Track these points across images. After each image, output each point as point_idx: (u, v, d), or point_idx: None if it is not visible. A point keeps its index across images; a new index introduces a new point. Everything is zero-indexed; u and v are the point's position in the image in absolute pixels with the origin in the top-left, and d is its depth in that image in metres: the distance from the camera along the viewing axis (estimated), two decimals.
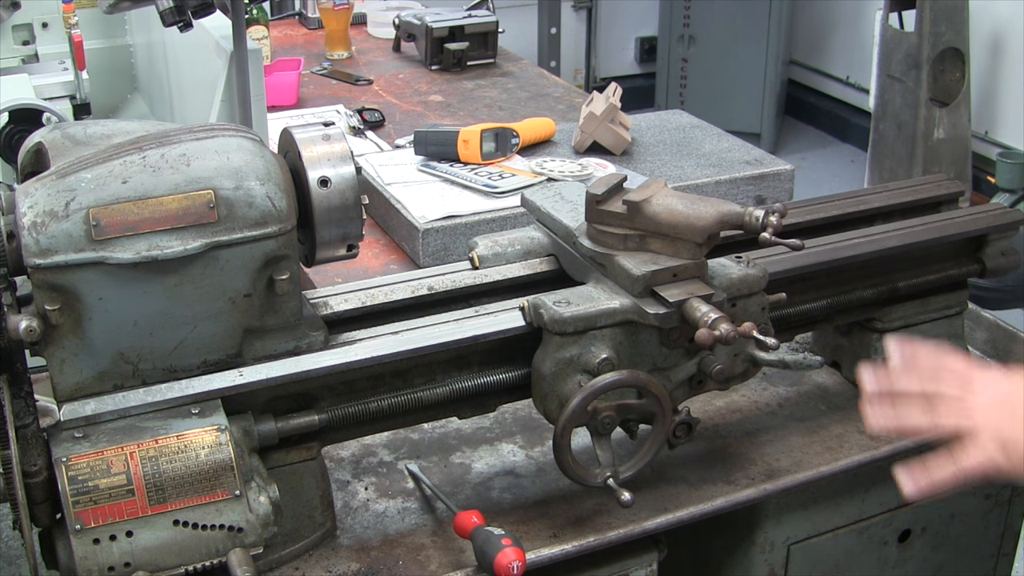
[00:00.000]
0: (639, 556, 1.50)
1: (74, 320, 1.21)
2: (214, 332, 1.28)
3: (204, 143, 1.26)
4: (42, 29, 3.27)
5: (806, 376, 1.78)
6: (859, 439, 1.63)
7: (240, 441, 1.27)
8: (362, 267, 2.08)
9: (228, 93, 2.16)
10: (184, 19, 1.99)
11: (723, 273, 1.41)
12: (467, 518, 1.37)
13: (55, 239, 1.17)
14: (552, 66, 5.75)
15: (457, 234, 2.08)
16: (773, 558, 1.65)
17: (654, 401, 1.36)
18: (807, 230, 1.67)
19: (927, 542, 1.77)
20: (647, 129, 2.61)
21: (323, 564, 1.39)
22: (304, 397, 1.37)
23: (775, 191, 2.36)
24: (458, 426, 1.67)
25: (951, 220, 1.71)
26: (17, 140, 2.60)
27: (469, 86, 3.23)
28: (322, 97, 3.14)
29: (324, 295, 1.44)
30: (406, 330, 1.39)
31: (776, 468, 1.57)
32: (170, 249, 1.20)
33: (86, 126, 1.37)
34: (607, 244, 1.41)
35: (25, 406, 1.21)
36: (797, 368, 1.41)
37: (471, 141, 2.32)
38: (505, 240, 1.55)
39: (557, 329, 1.34)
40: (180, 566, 1.20)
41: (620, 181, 1.45)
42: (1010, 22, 5.00)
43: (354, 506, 1.50)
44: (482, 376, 1.44)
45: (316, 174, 1.31)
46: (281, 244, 1.26)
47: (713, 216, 1.36)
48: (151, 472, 1.20)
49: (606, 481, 1.37)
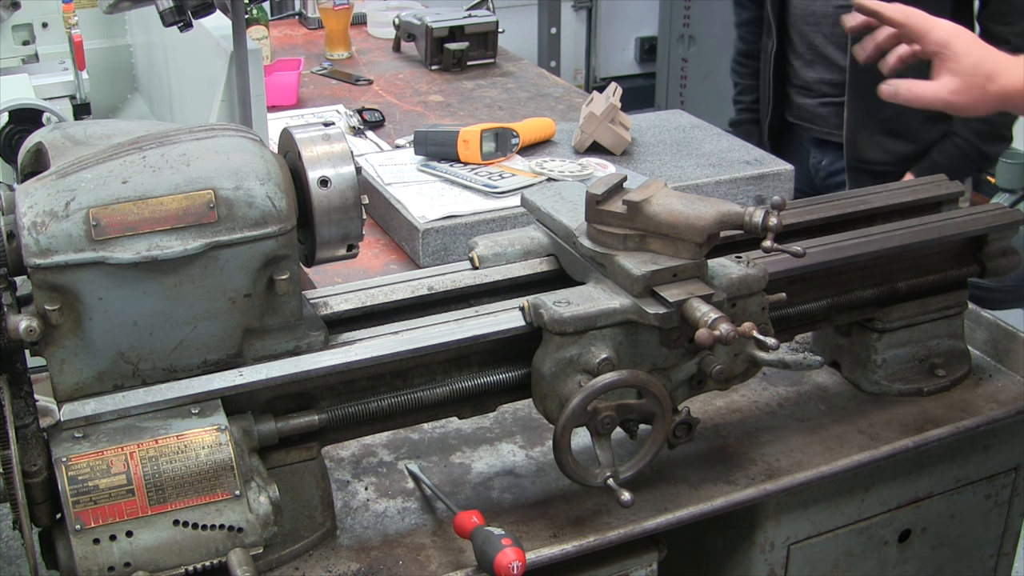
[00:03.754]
0: (639, 556, 1.50)
1: (74, 320, 1.21)
2: (214, 332, 1.28)
3: (204, 143, 1.26)
4: (42, 29, 3.28)
5: (806, 376, 1.78)
6: (859, 439, 1.63)
7: (240, 441, 1.27)
8: (362, 267, 2.08)
9: (228, 93, 2.16)
10: (184, 19, 1.99)
11: (723, 273, 1.41)
12: (467, 518, 1.37)
13: (55, 239, 1.17)
14: (552, 66, 5.75)
15: (457, 234, 2.08)
16: (773, 558, 1.65)
17: (654, 401, 1.36)
18: (807, 230, 1.67)
19: (927, 542, 1.77)
20: (647, 129, 2.61)
21: (323, 564, 1.39)
22: (304, 397, 1.37)
23: (775, 191, 2.36)
24: (458, 426, 1.67)
25: (951, 220, 1.71)
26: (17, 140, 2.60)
27: (469, 86, 3.23)
28: (322, 97, 3.14)
29: (324, 295, 1.44)
30: (406, 330, 1.39)
31: (776, 468, 1.57)
32: (170, 249, 1.20)
33: (86, 126, 1.37)
34: (607, 244, 1.41)
35: (25, 406, 1.21)
36: (797, 368, 1.41)
37: (471, 141, 2.32)
38: (505, 240, 1.55)
39: (557, 329, 1.34)
40: (180, 566, 1.20)
41: (620, 181, 1.45)
42: None
43: (354, 506, 1.50)
44: (482, 376, 1.44)
45: (316, 174, 1.31)
46: (281, 244, 1.26)
47: (713, 216, 1.36)
48: (151, 472, 1.20)
49: (606, 481, 1.37)
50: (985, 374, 1.80)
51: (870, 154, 2.84)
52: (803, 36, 2.91)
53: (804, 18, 2.88)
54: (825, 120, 2.91)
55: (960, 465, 1.74)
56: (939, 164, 2.77)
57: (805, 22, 2.88)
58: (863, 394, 1.74)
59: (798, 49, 2.94)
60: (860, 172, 2.78)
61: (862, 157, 2.83)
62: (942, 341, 1.75)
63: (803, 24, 2.89)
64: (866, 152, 2.83)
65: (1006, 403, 1.71)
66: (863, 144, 2.83)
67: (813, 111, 2.93)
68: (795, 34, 2.94)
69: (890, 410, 1.69)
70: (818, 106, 2.93)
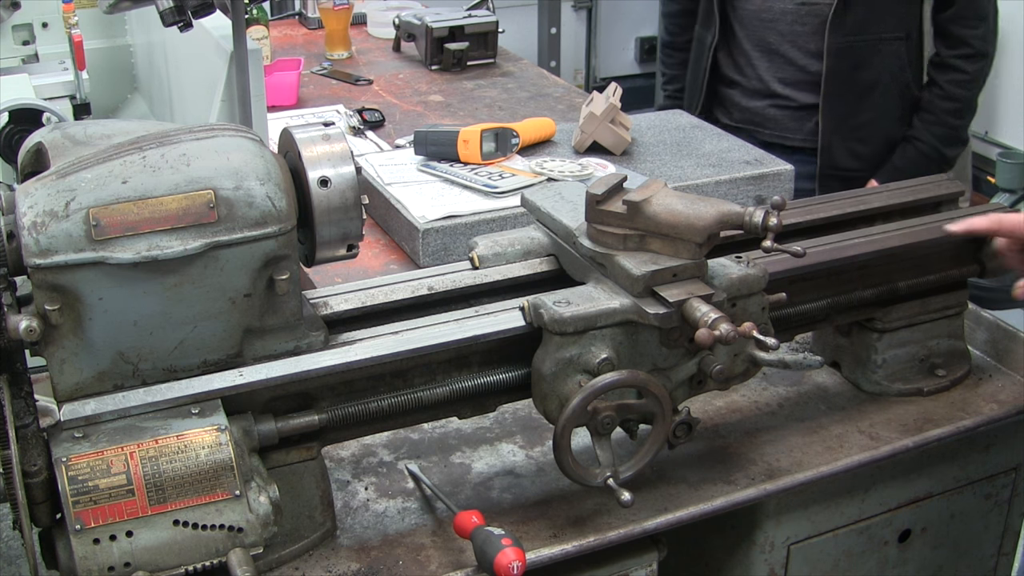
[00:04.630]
0: (639, 556, 1.50)
1: (74, 320, 1.21)
2: (214, 332, 1.28)
3: (204, 143, 1.26)
4: (42, 29, 3.28)
5: (806, 376, 1.78)
6: (859, 439, 1.63)
7: (240, 441, 1.27)
8: (362, 267, 2.08)
9: (228, 93, 2.16)
10: (184, 19, 1.99)
11: (723, 273, 1.41)
12: (467, 518, 1.37)
13: (55, 239, 1.17)
14: (552, 66, 5.74)
15: (457, 234, 2.08)
16: (773, 558, 1.65)
17: (654, 401, 1.36)
18: (807, 230, 1.68)
19: (927, 542, 1.77)
20: (647, 129, 2.61)
21: (323, 564, 1.39)
22: (304, 397, 1.37)
23: (775, 191, 2.36)
24: (458, 426, 1.67)
25: (951, 220, 1.71)
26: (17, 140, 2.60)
27: (469, 86, 3.23)
28: (322, 97, 3.14)
29: (324, 295, 1.44)
30: (406, 330, 1.39)
31: (776, 468, 1.57)
32: (170, 249, 1.20)
33: (86, 126, 1.37)
34: (607, 244, 1.41)
35: (25, 406, 1.21)
36: (797, 368, 1.41)
37: (471, 141, 2.32)
38: (505, 240, 1.55)
39: (557, 329, 1.34)
40: (180, 566, 1.20)
41: (620, 181, 1.45)
42: (1010, 22, 4.98)
43: (354, 506, 1.50)
44: (482, 376, 1.44)
45: (316, 174, 1.31)
46: (281, 244, 1.26)
47: (713, 216, 1.36)
48: (151, 472, 1.20)
49: (606, 481, 1.37)
50: (985, 374, 1.80)
51: (843, 161, 2.83)
52: (754, 33, 2.85)
53: (757, 14, 2.82)
54: (776, 123, 2.86)
55: (960, 465, 1.75)
56: (901, 169, 2.80)
57: (759, 18, 2.82)
58: (863, 394, 1.74)
59: (744, 46, 2.88)
60: (830, 179, 2.78)
61: (835, 164, 2.82)
62: (942, 341, 1.75)
63: (755, 20, 2.83)
64: (839, 159, 2.82)
65: (1006, 403, 1.72)
66: (837, 151, 2.82)
67: (762, 113, 2.88)
68: (743, 31, 2.87)
69: (890, 410, 1.69)
70: (768, 108, 2.89)
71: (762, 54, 2.85)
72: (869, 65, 2.76)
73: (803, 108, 2.84)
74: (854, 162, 2.84)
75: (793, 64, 2.81)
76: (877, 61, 2.76)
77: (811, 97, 2.82)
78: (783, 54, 2.82)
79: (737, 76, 2.93)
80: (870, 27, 2.73)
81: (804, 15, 2.75)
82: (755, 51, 2.86)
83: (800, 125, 2.85)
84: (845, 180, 2.79)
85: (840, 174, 2.81)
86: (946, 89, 2.80)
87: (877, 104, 2.81)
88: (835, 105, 2.78)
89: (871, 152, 2.85)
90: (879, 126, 2.84)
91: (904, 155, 2.84)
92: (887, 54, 2.77)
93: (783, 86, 2.85)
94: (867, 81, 2.78)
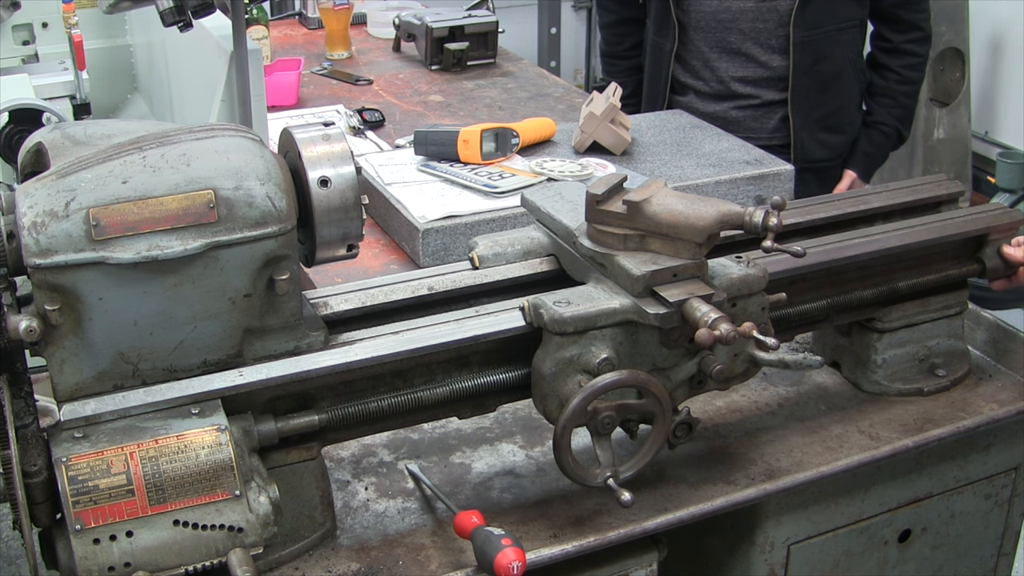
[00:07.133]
0: (639, 556, 1.50)
1: (74, 320, 1.21)
2: (214, 332, 1.28)
3: (204, 143, 1.26)
4: (42, 29, 3.28)
5: (806, 376, 1.78)
6: (859, 439, 1.63)
7: (240, 441, 1.27)
8: (362, 267, 2.08)
9: (228, 93, 2.16)
10: (184, 19, 1.99)
11: (723, 273, 1.41)
12: (467, 518, 1.37)
13: (55, 239, 1.17)
14: (552, 66, 5.75)
15: (457, 234, 2.08)
16: (773, 558, 1.65)
17: (654, 401, 1.36)
18: (807, 230, 1.68)
19: (927, 542, 1.77)
20: (647, 129, 2.61)
21: (323, 564, 1.39)
22: (304, 397, 1.37)
23: (775, 191, 2.36)
24: (458, 426, 1.67)
25: (951, 220, 1.71)
26: (17, 140, 2.60)
27: (469, 86, 3.23)
28: (322, 97, 3.14)
29: (324, 295, 1.45)
30: (406, 330, 1.39)
31: (776, 468, 1.57)
32: (170, 249, 1.20)
33: (86, 126, 1.37)
34: (607, 244, 1.41)
35: (25, 406, 1.22)
36: (797, 368, 1.41)
37: (471, 141, 2.32)
38: (505, 240, 1.55)
39: (557, 329, 1.34)
40: (180, 566, 1.20)
41: (620, 181, 1.45)
42: (1010, 22, 4.99)
43: (354, 506, 1.50)
44: (482, 376, 1.44)
45: (316, 174, 1.31)
46: (281, 244, 1.26)
47: (713, 216, 1.36)
48: (151, 472, 1.20)
49: (606, 481, 1.37)
50: (985, 374, 1.80)
51: (815, 153, 2.87)
52: (712, 35, 2.85)
53: (715, 16, 2.82)
54: (739, 124, 2.85)
55: (960, 465, 1.75)
56: (870, 154, 2.91)
57: (716, 20, 2.82)
58: (863, 394, 1.74)
59: (701, 50, 2.88)
60: (804, 172, 2.78)
61: (808, 158, 2.84)
62: (942, 341, 1.75)
63: (713, 23, 2.83)
64: (811, 152, 2.86)
65: (1006, 403, 1.72)
66: (808, 145, 2.85)
67: (723, 116, 2.87)
68: (699, 35, 2.87)
69: (890, 410, 1.69)
70: (730, 110, 2.89)
71: (722, 55, 2.86)
72: (831, 55, 2.81)
73: (765, 106, 2.85)
74: (824, 152, 2.88)
75: (755, 61, 2.82)
76: (838, 51, 2.81)
77: (774, 94, 2.84)
78: (745, 52, 2.83)
79: (694, 81, 2.94)
80: (830, 17, 2.78)
81: (765, 11, 2.77)
82: (714, 53, 2.87)
83: (763, 124, 2.86)
84: (818, 172, 2.85)
85: (813, 166, 2.84)
86: (903, 74, 2.88)
87: (842, 92, 2.86)
88: (802, 99, 2.81)
89: (839, 141, 2.91)
90: (844, 114, 2.89)
91: (871, 140, 2.91)
92: (845, 43, 2.82)
93: (744, 85, 2.86)
94: (830, 71, 2.82)
